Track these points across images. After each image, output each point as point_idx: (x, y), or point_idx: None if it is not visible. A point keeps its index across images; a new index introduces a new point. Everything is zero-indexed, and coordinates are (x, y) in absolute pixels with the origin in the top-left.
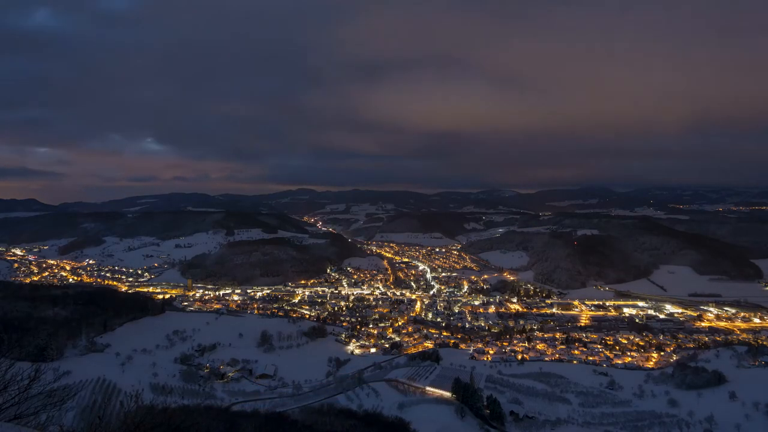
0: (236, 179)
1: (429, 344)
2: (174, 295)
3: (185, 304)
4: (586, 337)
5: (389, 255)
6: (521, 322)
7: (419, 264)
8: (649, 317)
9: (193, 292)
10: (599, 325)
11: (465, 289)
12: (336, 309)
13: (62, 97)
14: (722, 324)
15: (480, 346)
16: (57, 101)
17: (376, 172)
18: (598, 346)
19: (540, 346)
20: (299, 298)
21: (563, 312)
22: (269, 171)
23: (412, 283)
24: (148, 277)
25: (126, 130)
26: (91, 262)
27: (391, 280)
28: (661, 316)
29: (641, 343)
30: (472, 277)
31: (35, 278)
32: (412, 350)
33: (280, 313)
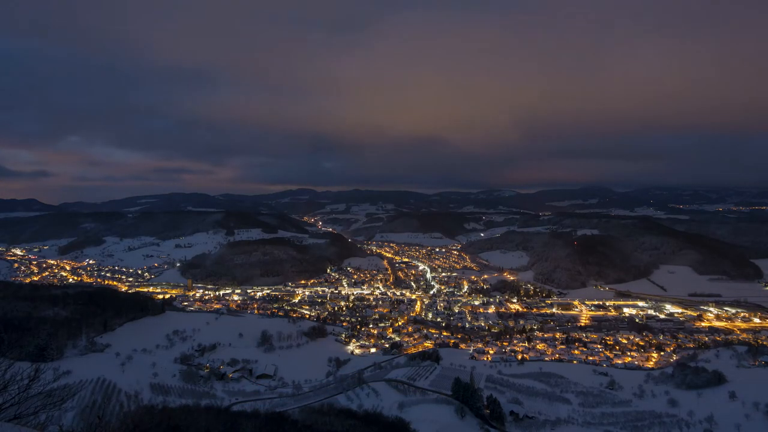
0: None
1: (429, 344)
2: (174, 295)
3: (185, 304)
4: (586, 337)
5: (389, 255)
6: (521, 322)
7: (419, 264)
8: (649, 317)
9: (193, 292)
10: (599, 325)
11: (465, 289)
12: (336, 309)
13: None
14: (722, 324)
15: (480, 346)
16: None
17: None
18: (598, 346)
19: (540, 346)
20: (299, 298)
21: (563, 312)
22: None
23: (412, 283)
24: (148, 277)
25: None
26: (91, 262)
27: (391, 280)
28: (661, 316)
29: (641, 343)
30: (472, 277)
31: (35, 278)
32: (412, 350)
33: (280, 313)
